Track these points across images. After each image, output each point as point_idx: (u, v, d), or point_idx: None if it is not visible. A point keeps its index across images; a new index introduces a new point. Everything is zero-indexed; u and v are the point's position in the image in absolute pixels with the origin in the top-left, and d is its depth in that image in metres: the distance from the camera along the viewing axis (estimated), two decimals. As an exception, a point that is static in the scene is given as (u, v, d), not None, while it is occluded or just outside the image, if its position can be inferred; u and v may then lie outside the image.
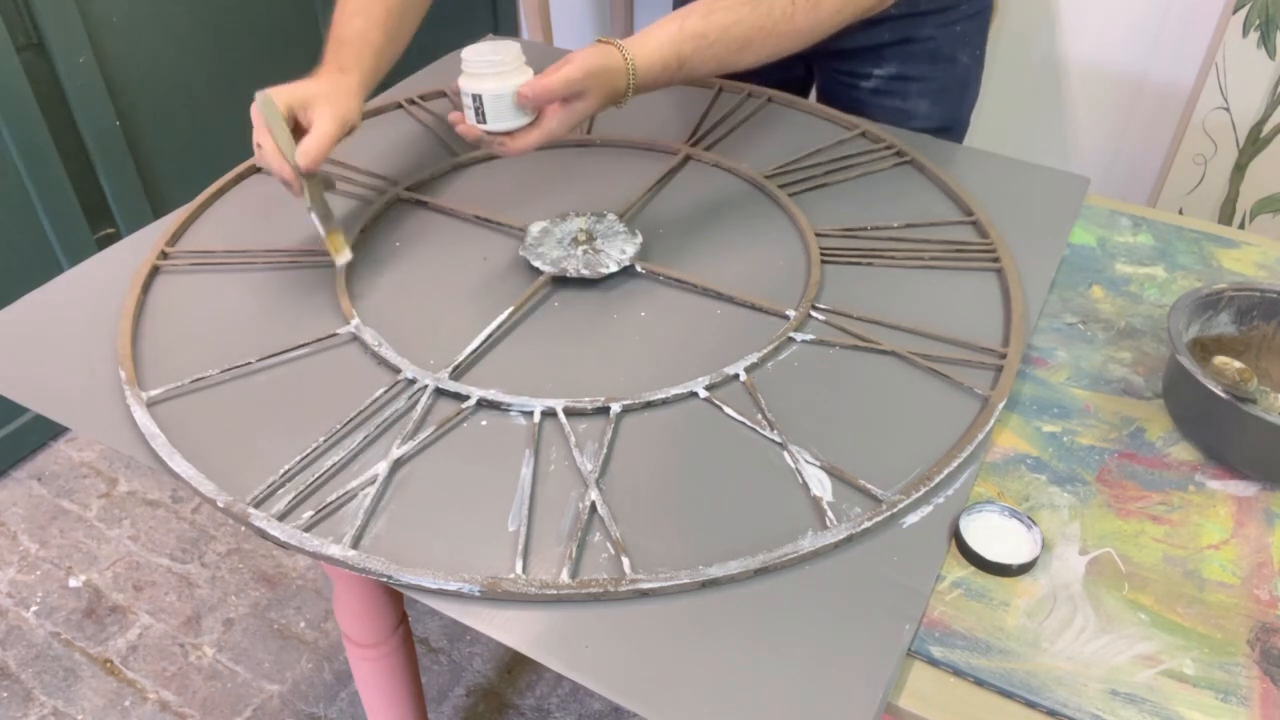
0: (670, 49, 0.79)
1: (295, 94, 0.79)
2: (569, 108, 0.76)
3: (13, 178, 1.52)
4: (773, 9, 0.81)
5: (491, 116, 0.76)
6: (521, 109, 0.76)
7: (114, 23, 1.57)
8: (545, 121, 0.77)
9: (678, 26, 0.79)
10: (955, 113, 1.14)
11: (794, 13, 0.81)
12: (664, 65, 0.79)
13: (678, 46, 0.79)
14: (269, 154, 0.77)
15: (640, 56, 0.78)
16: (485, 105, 0.75)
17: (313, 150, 0.78)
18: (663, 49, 0.79)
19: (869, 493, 0.66)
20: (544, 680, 1.41)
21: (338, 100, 0.81)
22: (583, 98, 0.76)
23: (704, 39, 0.79)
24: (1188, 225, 0.96)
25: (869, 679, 0.55)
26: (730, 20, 0.80)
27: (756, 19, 0.80)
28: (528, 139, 0.77)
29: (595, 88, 0.76)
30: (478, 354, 0.78)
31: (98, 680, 1.40)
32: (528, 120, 0.77)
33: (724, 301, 0.83)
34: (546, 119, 0.77)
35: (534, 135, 0.77)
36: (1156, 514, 0.67)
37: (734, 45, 0.81)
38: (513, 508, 0.65)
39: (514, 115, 0.76)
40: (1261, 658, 0.58)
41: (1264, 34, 1.58)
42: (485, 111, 0.76)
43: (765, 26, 0.81)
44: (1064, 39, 1.79)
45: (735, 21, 0.80)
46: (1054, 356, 0.80)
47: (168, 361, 0.77)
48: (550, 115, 0.77)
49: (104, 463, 1.73)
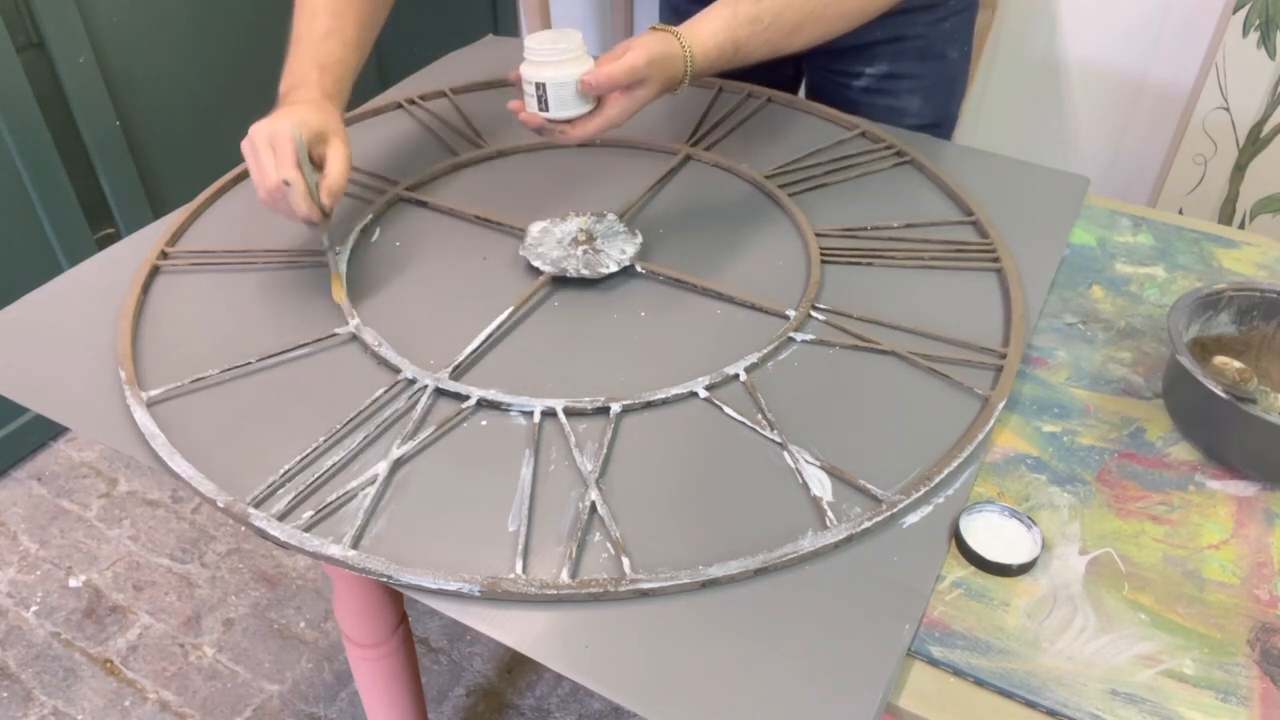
0: (725, 35, 0.79)
1: (312, 128, 0.78)
2: (630, 95, 0.77)
3: (13, 178, 1.52)
4: None
5: (554, 104, 0.77)
6: (583, 97, 0.77)
7: (114, 23, 1.57)
8: (606, 109, 0.77)
9: (731, 12, 0.80)
10: (945, 108, 1.15)
11: None
12: (719, 51, 0.79)
13: (733, 32, 0.79)
14: (300, 195, 0.76)
15: (696, 43, 0.78)
16: (548, 93, 0.76)
17: (337, 190, 0.78)
18: (718, 35, 0.79)
19: (869, 493, 0.66)
20: (544, 680, 1.41)
21: (343, 136, 0.81)
22: (644, 85, 0.77)
23: (758, 23, 0.80)
24: (1188, 225, 0.96)
25: (869, 679, 0.55)
26: (782, 4, 0.80)
27: (807, 3, 0.81)
28: (588, 126, 0.78)
29: (656, 75, 0.77)
30: (478, 354, 0.78)
31: (98, 680, 1.40)
32: (589, 108, 0.78)
33: (724, 301, 0.83)
34: (608, 107, 0.77)
35: (595, 123, 0.78)
36: (1156, 514, 0.67)
37: (786, 29, 0.81)
38: (513, 508, 0.65)
39: (576, 103, 0.77)
40: (1261, 658, 0.58)
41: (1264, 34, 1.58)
42: (548, 100, 0.76)
43: (815, 10, 0.82)
44: (1064, 39, 1.79)
45: (787, 5, 0.81)
46: (1054, 356, 0.80)
47: (168, 361, 0.77)
48: (612, 103, 0.77)
49: (104, 463, 1.73)
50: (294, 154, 0.75)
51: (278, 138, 0.75)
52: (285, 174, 0.75)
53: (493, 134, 1.05)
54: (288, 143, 0.75)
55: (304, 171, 0.76)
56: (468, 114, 1.09)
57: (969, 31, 1.13)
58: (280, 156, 0.75)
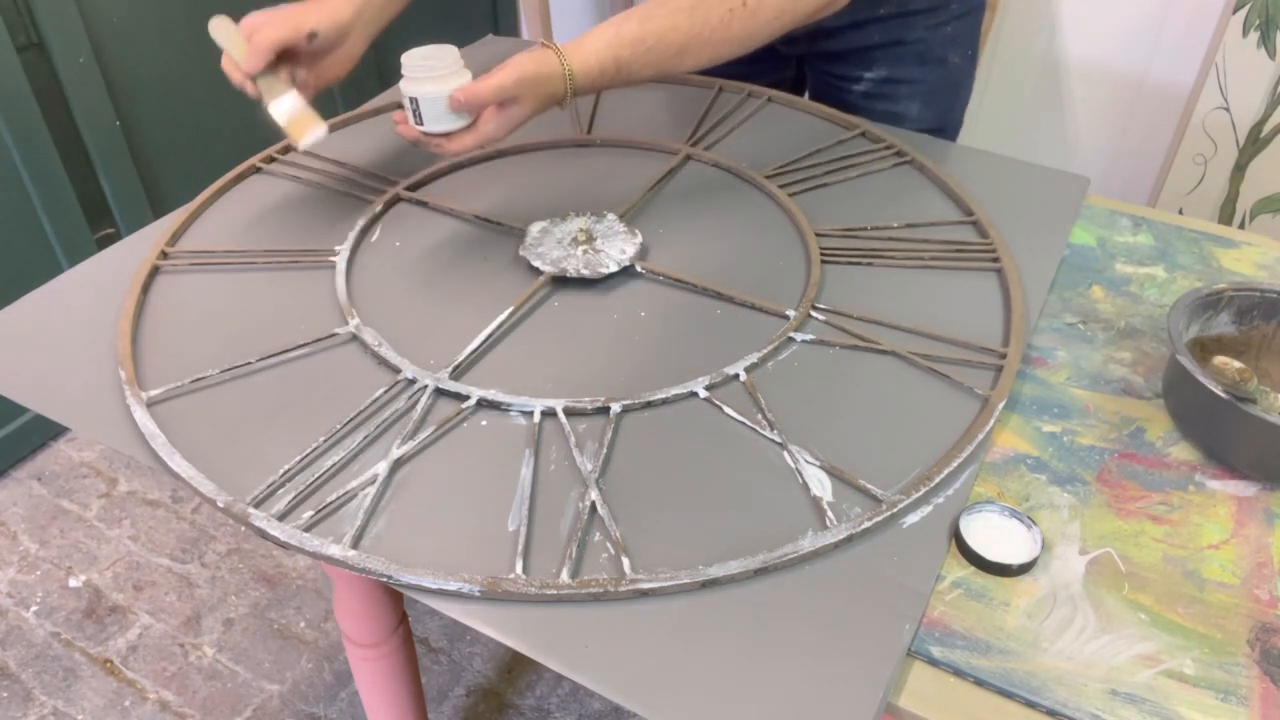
0: (608, 53, 0.80)
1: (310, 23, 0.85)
2: (504, 113, 0.79)
3: (13, 178, 1.52)
4: (709, 16, 0.82)
5: (428, 118, 0.79)
6: (457, 112, 0.79)
7: (114, 23, 1.57)
8: (481, 125, 0.80)
9: (615, 32, 0.81)
10: (947, 114, 1.14)
11: (730, 20, 0.82)
12: (601, 70, 0.80)
13: (615, 51, 0.80)
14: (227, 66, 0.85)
15: (577, 61, 0.79)
16: (422, 108, 0.79)
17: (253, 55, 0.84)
18: (600, 54, 0.80)
19: (869, 493, 0.66)
20: (544, 680, 1.41)
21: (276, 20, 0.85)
22: (517, 103, 0.79)
23: (641, 44, 0.81)
24: (1188, 225, 0.96)
25: (869, 679, 0.55)
26: (667, 26, 0.81)
27: (693, 26, 0.82)
28: (463, 141, 0.80)
29: (529, 94, 0.78)
30: (478, 354, 0.78)
31: (98, 680, 1.40)
32: (464, 123, 0.80)
33: (724, 301, 0.83)
34: (482, 123, 0.80)
35: (469, 138, 0.80)
36: (1156, 514, 0.67)
37: (671, 51, 0.82)
38: (513, 508, 0.65)
39: (449, 118, 0.79)
40: (1261, 658, 0.58)
41: (1264, 34, 1.58)
42: (422, 113, 0.79)
43: (702, 34, 0.82)
44: (1064, 39, 1.79)
45: (672, 28, 0.81)
46: (1054, 356, 0.80)
47: (168, 361, 0.77)
48: (486, 119, 0.79)
49: (104, 463, 1.73)
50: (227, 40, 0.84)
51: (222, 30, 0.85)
52: None
53: (493, 134, 1.05)
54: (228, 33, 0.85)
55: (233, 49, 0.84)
56: (468, 114, 1.09)
57: (973, 37, 1.11)
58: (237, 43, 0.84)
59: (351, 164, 1.01)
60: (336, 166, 1.00)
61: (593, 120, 1.09)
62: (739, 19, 0.82)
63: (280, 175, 1.00)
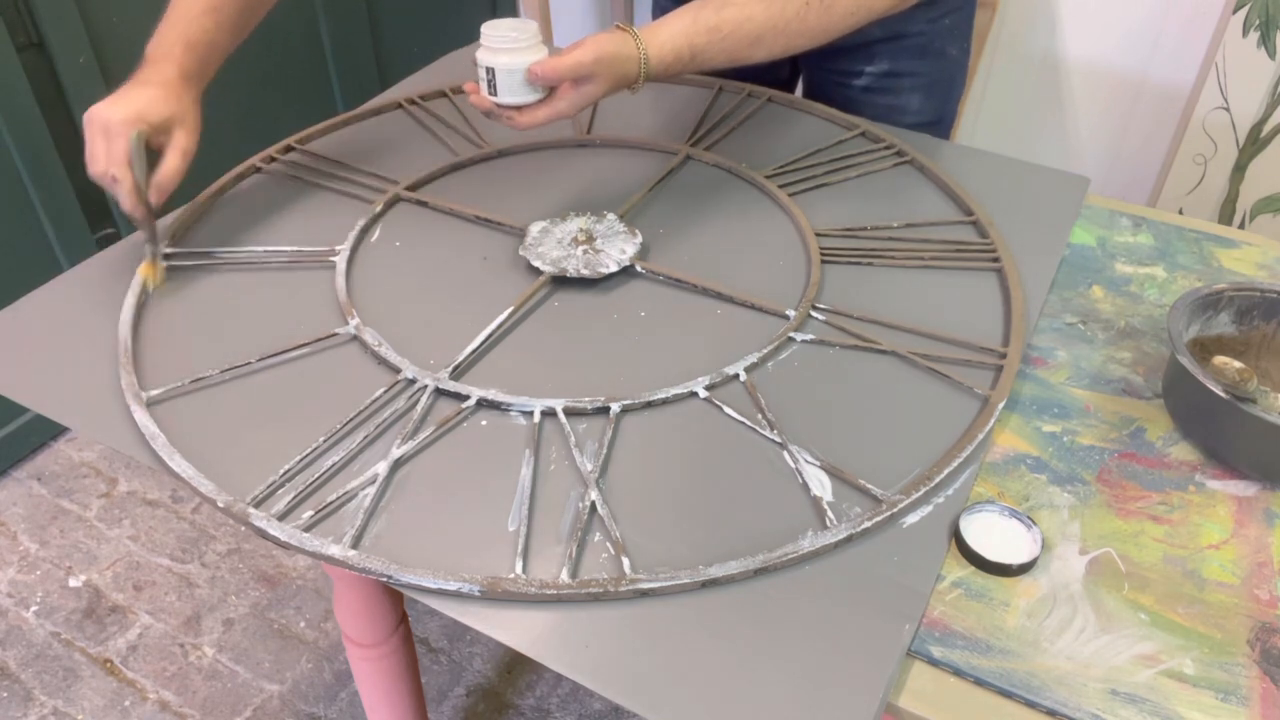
0: (683, 40, 0.80)
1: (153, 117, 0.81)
2: (579, 89, 0.79)
3: (13, 178, 1.52)
4: (786, 7, 0.82)
5: (503, 90, 0.79)
6: (532, 86, 0.78)
7: (114, 23, 1.57)
8: (555, 101, 0.79)
9: (692, 19, 0.81)
10: (945, 106, 1.15)
11: (806, 14, 0.83)
12: (676, 56, 0.81)
13: (690, 39, 0.81)
14: (126, 191, 0.80)
15: (653, 46, 0.79)
16: (497, 78, 0.78)
17: (165, 188, 0.82)
18: (675, 40, 0.80)
19: (869, 493, 0.66)
20: (544, 680, 1.41)
21: (189, 125, 0.84)
22: (592, 81, 0.78)
23: (717, 32, 0.81)
24: (1188, 225, 0.96)
25: (869, 679, 0.55)
26: (744, 16, 0.81)
27: (770, 16, 0.82)
28: (535, 115, 0.79)
29: (605, 73, 0.78)
30: (478, 354, 0.78)
31: (98, 680, 1.40)
32: (538, 97, 0.79)
33: (724, 301, 0.83)
34: (556, 98, 0.79)
35: (542, 112, 0.79)
36: (1156, 514, 0.67)
37: (746, 40, 0.82)
38: (513, 508, 0.65)
39: (525, 91, 0.79)
40: (1261, 658, 0.58)
41: (1264, 34, 1.58)
42: (497, 84, 0.78)
43: (778, 25, 0.82)
44: (1064, 39, 1.79)
45: (748, 18, 0.81)
46: (1054, 356, 0.80)
47: (168, 361, 0.77)
48: (561, 95, 0.79)
49: (104, 463, 1.73)
50: (125, 150, 0.79)
51: (111, 130, 0.79)
52: (113, 170, 0.79)
53: (493, 134, 1.05)
54: (119, 138, 0.79)
55: (135, 167, 0.79)
56: (468, 114, 1.09)
57: (968, 28, 1.13)
58: (111, 150, 0.79)
59: (351, 164, 1.01)
60: (336, 166, 1.00)
61: (593, 120, 1.09)
62: (814, 12, 0.83)
63: (280, 175, 1.00)
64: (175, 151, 0.83)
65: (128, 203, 0.81)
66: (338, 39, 1.92)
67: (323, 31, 1.90)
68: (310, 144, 1.04)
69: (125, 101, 0.81)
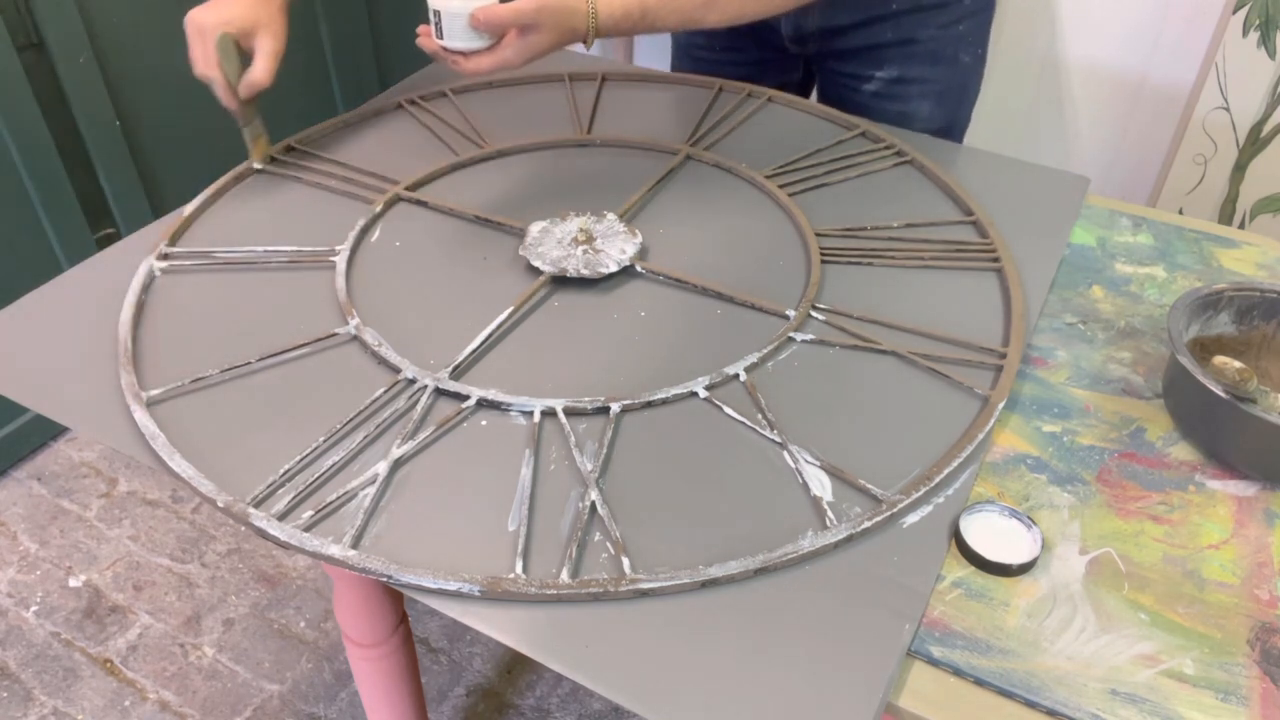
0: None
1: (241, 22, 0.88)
2: (524, 40, 0.79)
3: (13, 178, 1.52)
4: None
5: (448, 33, 0.80)
6: (478, 32, 0.79)
7: (114, 23, 1.57)
8: (501, 49, 0.80)
9: None
10: (956, 114, 1.14)
11: None
12: (625, 13, 0.81)
13: None
14: (221, 89, 0.89)
15: (603, 2, 0.80)
16: (443, 21, 0.79)
17: (256, 85, 0.89)
18: None
19: (869, 493, 0.66)
20: (544, 680, 1.41)
21: (274, 30, 0.89)
22: (538, 30, 0.79)
23: None
24: (1188, 225, 0.96)
25: (869, 679, 0.55)
26: None
27: None
28: (480, 63, 0.81)
29: (549, 23, 0.78)
30: (478, 354, 0.78)
31: (98, 680, 1.40)
32: (484, 44, 0.80)
33: (724, 301, 0.83)
34: (502, 47, 0.80)
35: (487, 60, 0.80)
36: (1156, 514, 0.67)
37: (698, 2, 0.83)
38: (513, 508, 0.65)
39: (470, 36, 0.80)
40: (1261, 658, 0.58)
41: (1264, 34, 1.58)
42: (443, 28, 0.79)
43: None
44: (1064, 39, 1.79)
45: None
46: (1054, 356, 0.80)
47: (168, 361, 0.77)
48: (506, 44, 0.80)
49: (104, 463, 1.73)
50: (215, 53, 0.86)
51: (205, 33, 0.86)
52: (206, 72, 0.87)
53: (492, 134, 1.05)
54: (210, 42, 0.86)
55: (225, 68, 0.88)
56: (468, 114, 1.09)
57: (984, 35, 1.11)
58: (204, 53, 0.86)
59: (351, 164, 1.01)
60: (336, 166, 1.00)
61: (593, 120, 1.09)
62: None
63: (280, 175, 1.00)
64: (262, 54, 0.89)
65: (223, 99, 0.90)
66: (338, 39, 1.92)
67: (323, 31, 1.90)
68: (310, 144, 1.04)
69: (217, 7, 0.87)
